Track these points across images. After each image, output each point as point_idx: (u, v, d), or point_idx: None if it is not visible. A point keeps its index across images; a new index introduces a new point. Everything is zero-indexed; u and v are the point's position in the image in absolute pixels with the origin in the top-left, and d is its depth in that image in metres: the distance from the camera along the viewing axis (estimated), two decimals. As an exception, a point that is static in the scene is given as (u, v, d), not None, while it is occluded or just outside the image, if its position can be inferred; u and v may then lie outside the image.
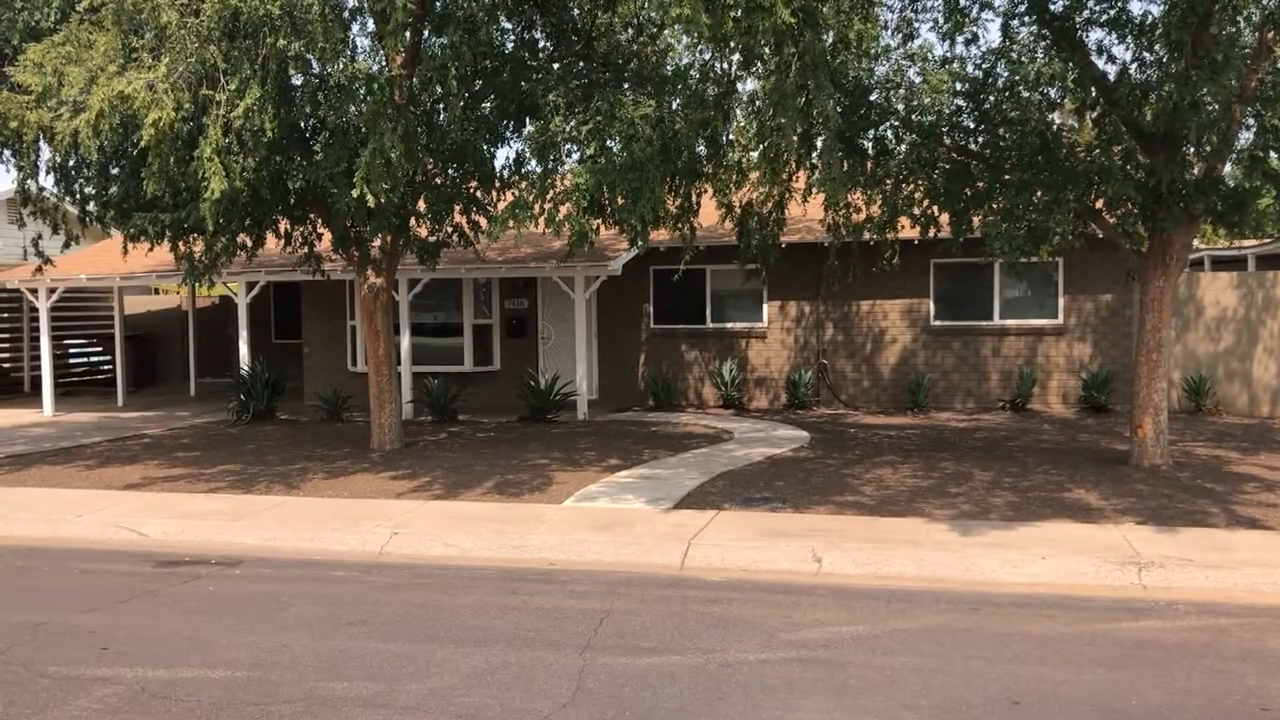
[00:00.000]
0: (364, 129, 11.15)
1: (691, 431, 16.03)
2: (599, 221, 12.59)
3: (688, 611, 7.21)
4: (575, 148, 11.44)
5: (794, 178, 15.85)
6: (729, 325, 19.52)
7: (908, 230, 13.89)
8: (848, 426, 16.49)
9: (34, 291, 20.26)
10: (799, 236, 18.40)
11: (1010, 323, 18.55)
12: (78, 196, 14.17)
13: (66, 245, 14.57)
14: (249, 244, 13.43)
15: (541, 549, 8.94)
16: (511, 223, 11.27)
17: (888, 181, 13.05)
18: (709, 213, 15.45)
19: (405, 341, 18.42)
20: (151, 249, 13.42)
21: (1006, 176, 12.23)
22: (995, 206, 12.18)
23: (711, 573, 8.35)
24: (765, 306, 19.36)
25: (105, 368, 26.30)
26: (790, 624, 6.93)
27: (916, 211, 12.52)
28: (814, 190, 15.47)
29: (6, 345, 25.63)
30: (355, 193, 10.45)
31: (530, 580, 8.16)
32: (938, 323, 18.79)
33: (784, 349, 19.30)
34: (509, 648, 6.43)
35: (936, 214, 12.59)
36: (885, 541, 8.86)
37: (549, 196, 11.57)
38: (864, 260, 17.17)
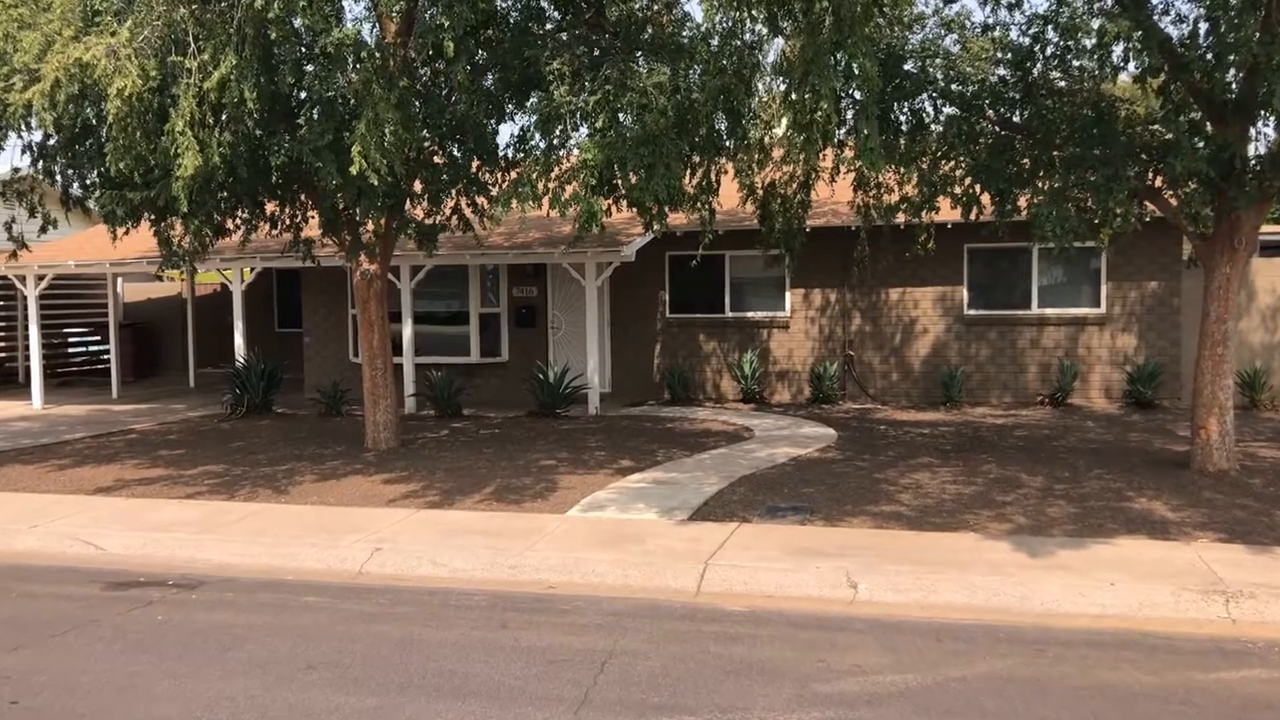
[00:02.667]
0: (353, 100, 10.13)
1: (709, 428, 15.00)
2: (609, 202, 11.57)
3: (704, 653, 6.18)
4: (583, 120, 10.39)
5: (820, 155, 14.87)
6: (749, 314, 18.45)
7: (947, 212, 12.79)
8: (877, 423, 15.41)
9: (22, 279, 19.36)
10: (824, 220, 17.31)
11: (1049, 312, 17.41)
12: (56, 177, 13.23)
13: (43, 230, 13.60)
14: (229, 227, 12.45)
15: (540, 569, 7.94)
16: (514, 203, 10.28)
17: (924, 158, 11.96)
18: (729, 195, 14.37)
19: (407, 331, 17.45)
20: (126, 232, 12.46)
21: (1056, 153, 11.13)
22: (1043, 186, 11.07)
23: (731, 600, 7.33)
24: (788, 295, 18.27)
25: (105, 358, 25.46)
26: (825, 670, 5.90)
27: (958, 190, 11.39)
28: (843, 168, 14.45)
29: (2, 335, 24.80)
30: (354, 168, 9.43)
31: (525, 609, 7.16)
32: (972, 312, 17.67)
33: (808, 340, 18.22)
34: (490, 703, 5.42)
35: (978, 193, 11.46)
36: (930, 562, 7.81)
37: (554, 174, 10.56)
38: (894, 245, 16.07)
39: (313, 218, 12.76)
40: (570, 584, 7.71)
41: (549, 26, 12.28)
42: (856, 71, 8.13)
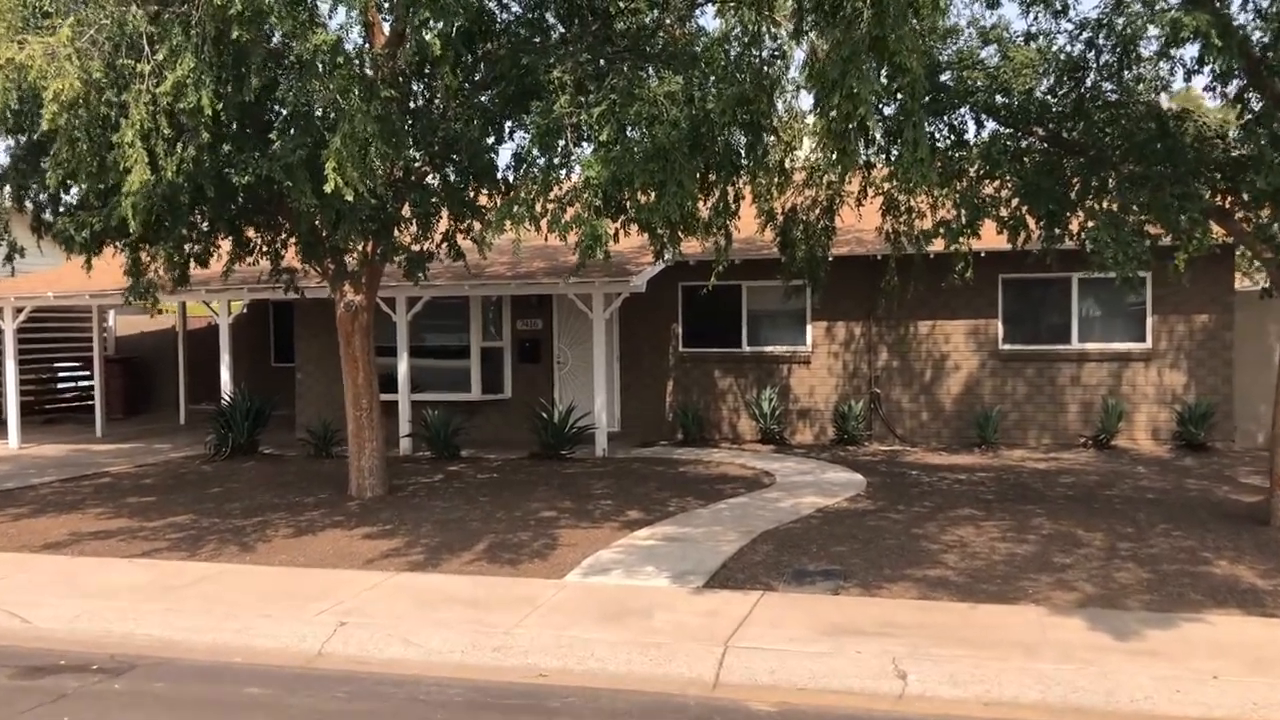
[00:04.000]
0: (330, 112, 9.08)
1: (726, 473, 13.80)
2: (616, 225, 10.47)
3: (726, 774, 5.00)
4: (586, 135, 9.31)
5: (849, 177, 13.77)
6: (768, 349, 17.29)
7: (984, 238, 11.64)
8: (908, 468, 14.19)
9: (-1, 311, 18.36)
10: (848, 249, 16.19)
11: (1091, 346, 16.21)
12: (25, 201, 12.20)
13: (8, 259, 12.55)
14: (206, 254, 11.38)
15: (530, 651, 6.75)
16: (509, 226, 9.17)
17: (962, 179, 10.84)
18: (746, 222, 13.25)
19: (403, 367, 16.35)
20: (88, 260, 11.38)
21: (1112, 171, 10.01)
22: (1100, 207, 9.92)
23: (757, 695, 6.13)
24: (809, 328, 17.12)
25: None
26: (878, 800, 4.71)
27: (1003, 213, 10.24)
28: (870, 191, 13.34)
29: (-14, 370, 23.76)
30: (329, 186, 8.34)
31: (508, 706, 5.97)
32: (1007, 346, 16.48)
33: (831, 376, 17.04)
34: None
35: (1025, 216, 10.31)
36: (990, 645, 6.61)
37: (553, 194, 9.47)
38: (927, 275, 14.93)
39: (294, 244, 11.67)
40: (565, 671, 6.52)
41: (553, 39, 11.26)
42: (901, 70, 7.00)
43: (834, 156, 7.58)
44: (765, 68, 9.44)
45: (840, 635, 6.81)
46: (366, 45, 11.38)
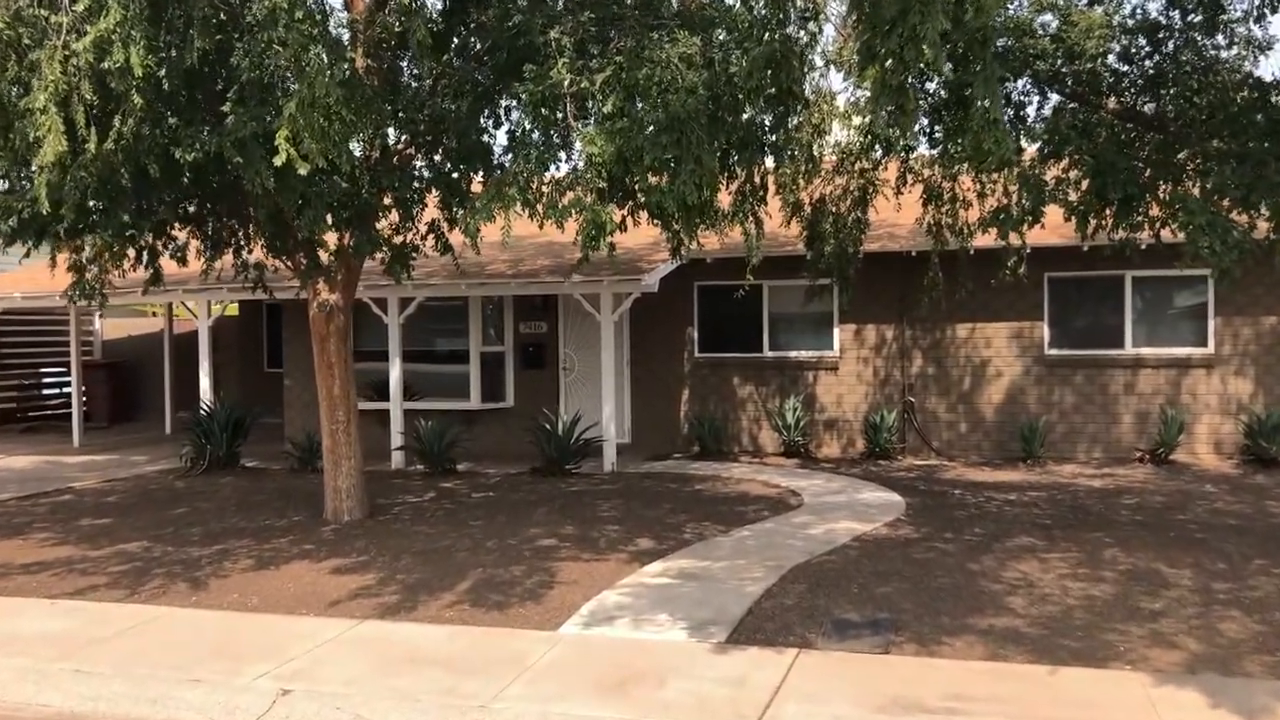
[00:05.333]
0: (289, 77, 7.77)
1: (748, 492, 12.44)
2: (623, 213, 9.14)
3: None
4: (589, 106, 7.98)
5: (882, 164, 12.43)
6: (792, 354, 15.90)
7: (1037, 232, 10.26)
8: (949, 485, 12.80)
9: (-34, 313, 17.15)
10: (880, 245, 14.82)
11: (1146, 351, 14.77)
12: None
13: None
14: (150, 246, 10.08)
15: (512, 734, 5.41)
16: (498, 212, 7.84)
17: (1022, 160, 9.47)
18: (767, 216, 11.85)
19: (395, 373, 15.04)
20: (27, 254, 10.10)
21: (1198, 148, 8.62)
22: (1183, 190, 8.53)
23: (801, 802, 4.77)
24: (837, 331, 15.73)
25: (82, 400, 23.24)
26: None
27: (1073, 197, 8.83)
28: (908, 179, 11.99)
29: (-36, 377, 22.62)
30: (279, 158, 7.03)
31: (480, 816, 4.64)
32: (1054, 351, 15.06)
33: (860, 384, 15.65)
34: None
35: (1096, 201, 8.91)
36: (1091, 730, 5.23)
37: (549, 176, 8.16)
38: (972, 272, 13.56)
39: (259, 236, 10.33)
40: (554, 763, 5.18)
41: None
42: (968, 11, 5.63)
43: (886, 118, 6.22)
44: (797, 27, 8.10)
45: (897, 714, 5.44)
46: (344, 13, 10.12)
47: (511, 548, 9.43)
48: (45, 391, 23.76)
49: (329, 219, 8.80)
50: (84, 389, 23.00)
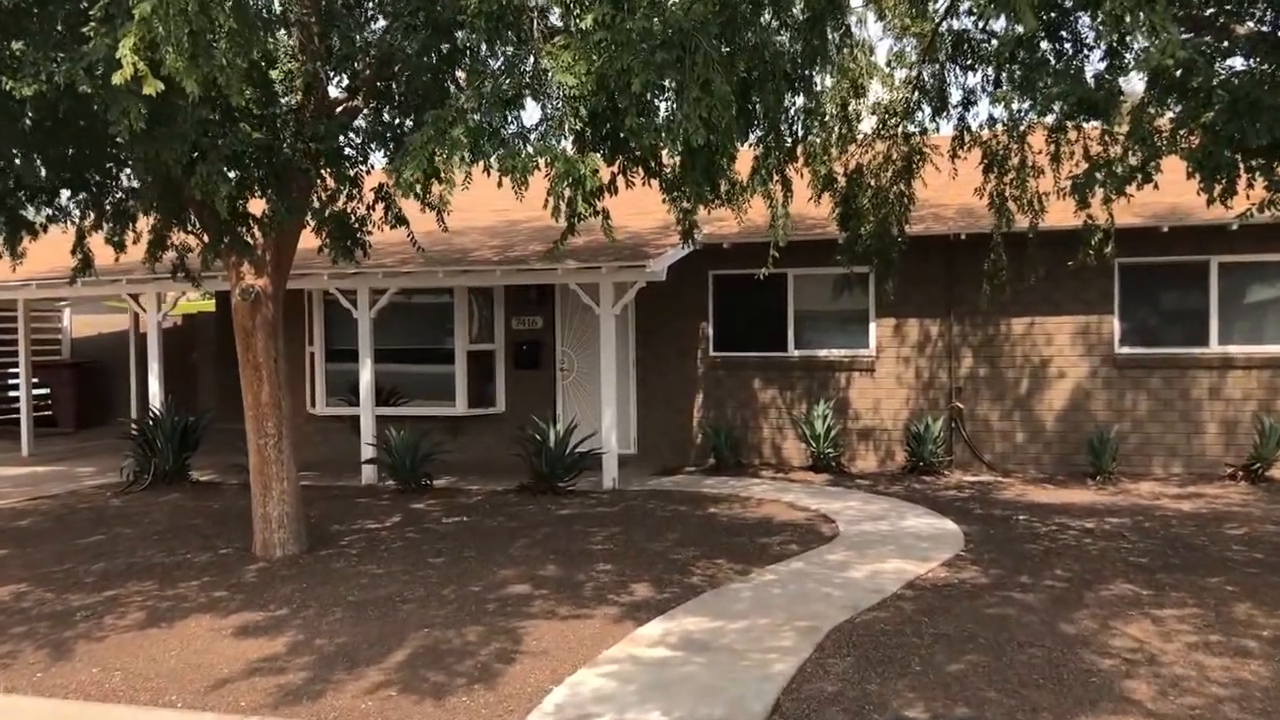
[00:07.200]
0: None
1: (771, 517, 10.43)
2: (613, 169, 7.16)
3: None
4: (561, 18, 6.01)
5: (933, 125, 10.42)
6: (821, 353, 13.88)
7: (1132, 204, 8.22)
8: (1010, 509, 10.75)
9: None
10: (923, 227, 12.82)
11: (1235, 350, 12.68)
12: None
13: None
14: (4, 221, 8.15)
15: None
16: (439, 160, 5.88)
17: (1121, 102, 7.41)
18: (797, 174, 9.83)
19: (366, 375, 13.10)
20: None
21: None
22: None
23: None
24: (873, 327, 13.69)
25: (49, 402, 21.47)
26: None
27: (1193, 144, 6.72)
28: (964, 141, 10.01)
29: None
30: (119, 75, 5.08)
31: None
32: (1126, 350, 12.98)
33: (900, 387, 13.61)
34: None
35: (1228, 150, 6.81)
36: None
37: (510, 114, 6.20)
38: (1032, 257, 11.49)
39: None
40: None
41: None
42: None
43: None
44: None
45: None
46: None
47: (473, 597, 7.46)
48: (11, 394, 22.01)
49: (233, 179, 6.81)
50: (49, 391, 21.31)
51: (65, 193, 8.71)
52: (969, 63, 9.13)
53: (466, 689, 5.66)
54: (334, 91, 8.71)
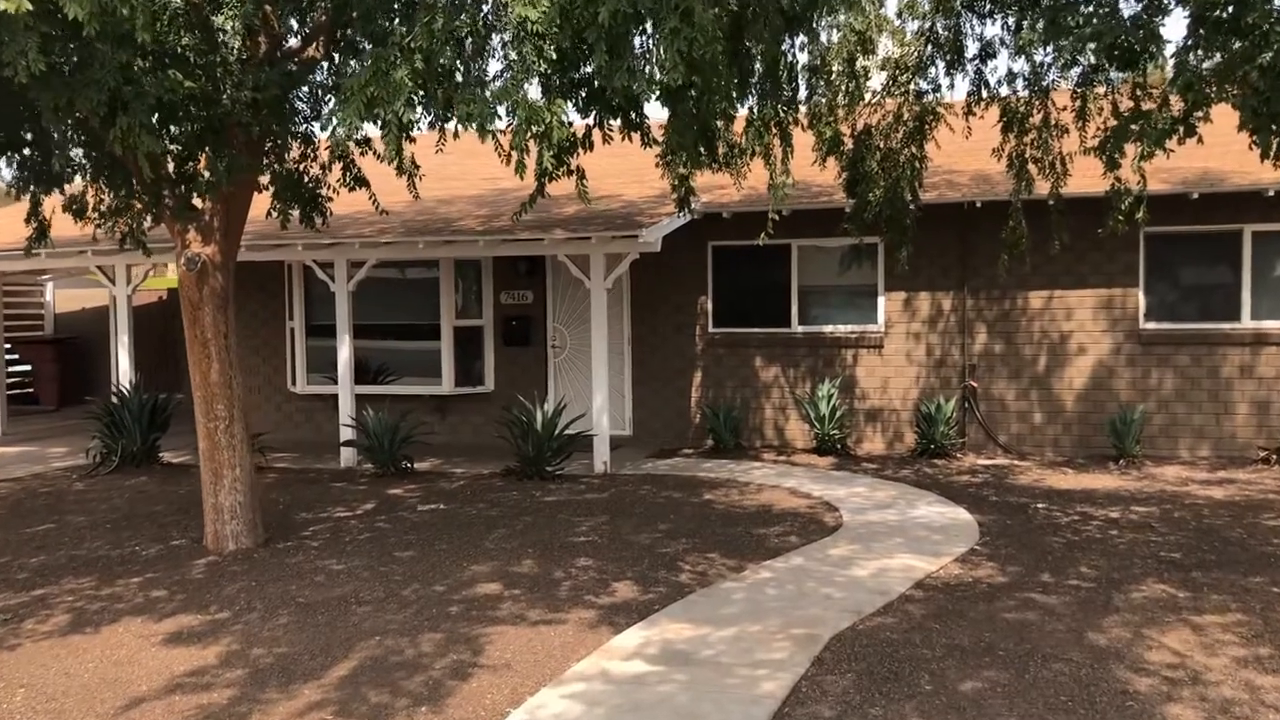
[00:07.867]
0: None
1: (770, 505, 9.70)
2: (589, 122, 6.39)
3: None
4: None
5: (948, 82, 9.59)
6: (826, 329, 13.10)
7: (1158, 170, 7.42)
8: (1028, 495, 10.00)
9: None
10: (936, 194, 12.02)
11: (1270, 325, 11.87)
12: None
13: None
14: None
15: None
16: (379, 110, 5.12)
17: (1159, 47, 6.59)
18: (795, 157, 9.01)
19: (344, 352, 12.37)
20: None
21: None
22: None
23: None
24: (882, 301, 12.90)
25: (27, 380, 20.86)
26: None
27: (1244, 93, 5.92)
28: (982, 97, 9.22)
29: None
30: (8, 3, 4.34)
31: None
32: (1151, 325, 12.18)
33: (910, 365, 12.84)
34: None
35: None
36: None
37: (462, 56, 5.44)
38: (1051, 226, 10.67)
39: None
40: None
41: None
42: None
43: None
44: None
45: None
46: None
47: (435, 599, 6.75)
48: (-5, 371, 21.37)
49: (164, 134, 6.05)
50: (30, 368, 20.70)
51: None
52: (987, 8, 8.30)
53: (409, 711, 4.95)
54: (293, 42, 7.96)
